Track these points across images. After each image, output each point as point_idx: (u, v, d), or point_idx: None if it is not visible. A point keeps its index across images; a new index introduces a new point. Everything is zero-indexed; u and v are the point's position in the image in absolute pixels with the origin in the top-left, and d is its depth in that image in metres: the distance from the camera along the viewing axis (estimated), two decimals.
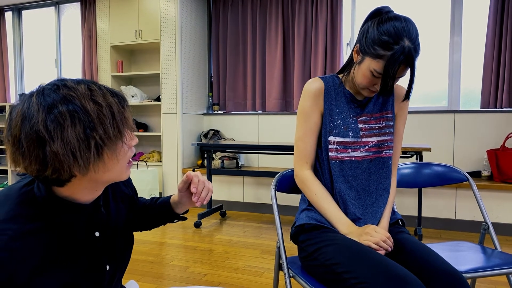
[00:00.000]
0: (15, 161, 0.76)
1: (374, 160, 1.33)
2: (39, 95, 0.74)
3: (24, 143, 0.72)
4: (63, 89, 0.74)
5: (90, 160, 0.74)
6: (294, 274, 1.33)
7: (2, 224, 0.74)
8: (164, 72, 4.38)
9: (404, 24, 1.15)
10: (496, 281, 2.37)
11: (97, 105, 0.75)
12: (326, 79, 1.37)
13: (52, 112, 0.72)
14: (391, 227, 1.36)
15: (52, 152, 0.72)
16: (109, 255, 0.93)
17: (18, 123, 0.73)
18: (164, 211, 1.08)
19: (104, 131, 0.75)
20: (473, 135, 3.62)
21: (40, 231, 0.78)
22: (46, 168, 0.73)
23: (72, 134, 0.72)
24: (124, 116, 0.79)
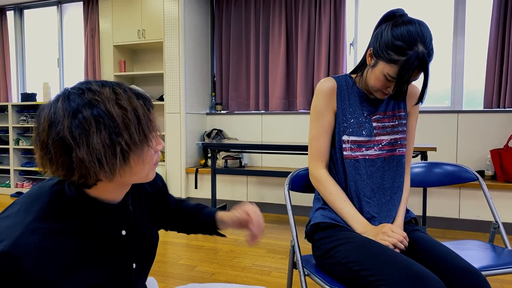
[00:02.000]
0: (43, 165, 0.76)
1: (388, 158, 1.34)
2: (64, 100, 0.73)
3: (51, 149, 0.72)
4: (88, 93, 0.73)
5: (116, 166, 0.74)
6: (309, 272, 1.34)
7: (34, 223, 0.75)
8: (168, 72, 4.38)
9: (418, 29, 1.15)
10: (503, 279, 2.39)
11: (122, 109, 0.74)
12: (339, 78, 1.38)
13: (77, 118, 0.71)
14: (406, 225, 1.38)
15: (78, 158, 0.71)
16: (135, 253, 0.94)
17: (46, 129, 0.73)
18: (207, 223, 1.09)
19: (130, 136, 0.74)
20: (476, 135, 3.63)
21: (70, 229, 0.78)
22: (73, 174, 0.74)
23: (97, 140, 0.71)
24: (149, 120, 0.78)
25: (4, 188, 5.30)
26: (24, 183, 5.22)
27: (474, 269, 1.09)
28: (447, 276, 1.09)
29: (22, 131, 5.30)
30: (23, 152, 5.30)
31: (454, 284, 1.07)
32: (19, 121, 5.15)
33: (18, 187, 5.20)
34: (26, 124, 5.10)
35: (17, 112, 5.23)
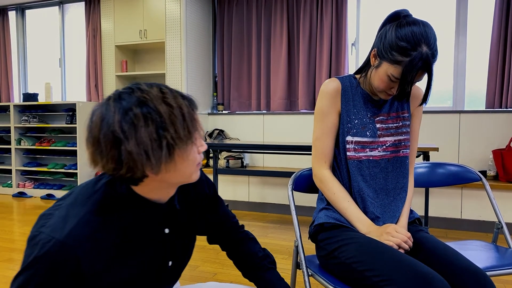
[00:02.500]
0: (94, 161, 0.80)
1: (391, 159, 1.34)
2: (115, 99, 0.79)
3: (102, 143, 0.77)
4: (137, 92, 0.79)
5: (161, 159, 0.78)
6: (313, 272, 1.34)
7: (88, 216, 0.81)
8: (169, 72, 4.39)
9: (422, 29, 1.15)
10: (506, 280, 2.38)
11: (168, 106, 0.78)
12: (343, 79, 1.38)
13: (127, 114, 0.76)
14: (410, 225, 1.38)
15: (127, 151, 0.76)
16: (173, 251, 0.98)
17: (98, 124, 0.78)
18: (258, 279, 1.12)
19: (175, 131, 0.78)
20: (478, 135, 3.63)
21: (119, 224, 0.84)
22: (121, 167, 0.78)
23: (145, 134, 0.76)
24: (193, 118, 0.82)
25: (6, 188, 5.30)
26: (26, 183, 5.23)
27: (479, 269, 1.09)
28: (452, 277, 1.09)
29: (24, 131, 5.31)
30: (25, 152, 5.31)
31: (459, 284, 1.07)
32: (21, 121, 5.16)
33: (19, 187, 5.21)
34: (28, 124, 5.10)
35: (19, 112, 5.24)
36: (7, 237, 3.28)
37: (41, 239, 0.78)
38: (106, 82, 4.87)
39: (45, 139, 5.16)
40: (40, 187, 5.15)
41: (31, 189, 5.16)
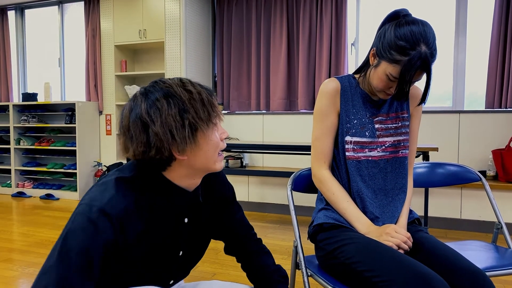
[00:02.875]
0: (126, 148, 0.90)
1: (390, 160, 1.34)
2: (142, 93, 0.90)
3: (132, 129, 0.87)
4: (160, 83, 0.90)
5: (186, 139, 0.86)
6: (312, 272, 1.34)
7: (125, 191, 0.90)
8: (169, 72, 4.38)
9: (421, 29, 1.15)
10: (505, 280, 2.38)
11: (188, 92, 0.88)
12: (342, 79, 1.38)
13: (151, 100, 0.87)
14: (409, 226, 1.37)
15: (154, 133, 0.85)
16: (186, 242, 1.03)
17: (127, 115, 0.89)
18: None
19: (195, 112, 0.87)
20: (478, 135, 3.63)
21: (148, 204, 0.92)
22: (150, 149, 0.86)
23: (168, 116, 0.85)
24: (212, 103, 0.91)
25: (5, 188, 5.30)
26: (25, 183, 5.22)
27: (478, 270, 1.09)
28: (451, 277, 1.08)
29: (23, 131, 5.30)
30: (24, 152, 5.30)
31: (459, 285, 1.06)
32: (20, 121, 5.15)
33: (19, 187, 5.20)
34: (27, 124, 5.10)
35: (18, 112, 5.23)
36: (6, 237, 3.28)
37: (81, 209, 0.86)
38: (106, 82, 4.86)
39: (44, 139, 5.16)
40: (39, 187, 5.15)
41: (30, 189, 5.15)
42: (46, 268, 0.82)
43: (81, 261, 0.82)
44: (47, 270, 0.82)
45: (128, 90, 4.78)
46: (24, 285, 2.31)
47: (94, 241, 0.83)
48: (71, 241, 0.83)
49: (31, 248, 2.99)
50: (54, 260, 0.82)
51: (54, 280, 0.80)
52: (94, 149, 4.99)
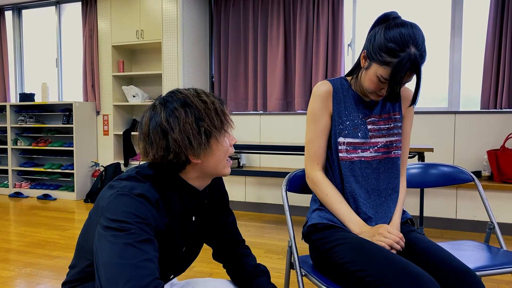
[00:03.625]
0: (146, 152, 0.98)
1: (383, 160, 1.36)
2: (161, 102, 0.97)
3: (152, 135, 0.95)
4: (177, 93, 0.98)
5: (201, 145, 0.95)
6: (306, 272, 1.35)
7: (155, 185, 0.98)
8: (166, 72, 4.39)
9: (410, 31, 1.17)
10: (499, 279, 2.40)
11: (203, 102, 0.97)
12: (334, 81, 1.39)
13: (171, 110, 0.94)
14: (402, 226, 1.39)
15: (173, 139, 0.93)
16: (190, 239, 1.10)
17: (147, 122, 0.97)
18: (249, 286, 1.17)
19: (210, 121, 0.96)
20: (474, 136, 3.65)
21: (167, 201, 1.00)
22: (169, 153, 0.95)
23: (186, 124, 0.94)
24: (224, 112, 1.00)
25: (2, 189, 5.29)
26: (23, 183, 5.22)
27: (468, 269, 1.10)
28: (442, 277, 1.10)
29: (20, 131, 5.30)
30: (21, 152, 5.30)
31: (449, 284, 1.08)
32: (17, 121, 5.16)
33: (16, 187, 5.20)
34: (24, 124, 5.10)
35: (15, 112, 5.23)
36: (3, 237, 3.28)
37: (121, 192, 0.92)
38: (103, 82, 4.87)
39: (41, 139, 5.16)
40: (36, 187, 5.15)
41: (27, 189, 5.15)
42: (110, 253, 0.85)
43: (140, 227, 0.88)
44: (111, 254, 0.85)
45: (125, 91, 4.79)
46: (21, 285, 2.32)
47: (146, 209, 0.91)
48: (123, 214, 0.88)
49: (28, 248, 3.00)
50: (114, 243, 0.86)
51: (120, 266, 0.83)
52: (92, 149, 5.00)
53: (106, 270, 0.83)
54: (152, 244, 0.89)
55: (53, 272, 2.52)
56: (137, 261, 0.83)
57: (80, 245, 1.03)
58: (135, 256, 0.84)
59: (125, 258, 0.83)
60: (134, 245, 0.85)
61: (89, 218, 1.01)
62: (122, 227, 0.86)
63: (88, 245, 0.99)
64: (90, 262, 0.99)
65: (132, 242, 0.85)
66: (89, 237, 0.98)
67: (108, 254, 0.84)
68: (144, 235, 0.87)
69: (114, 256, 0.83)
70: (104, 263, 0.84)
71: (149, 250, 0.87)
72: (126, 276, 0.81)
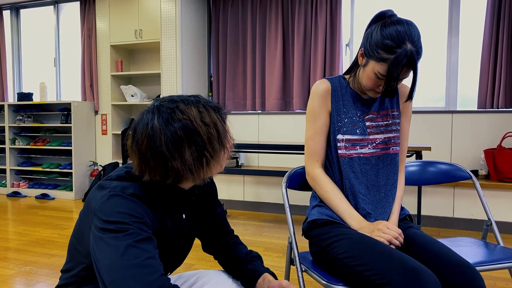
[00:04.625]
0: (142, 171, 0.94)
1: (382, 156, 1.38)
2: (159, 118, 0.91)
3: (151, 160, 0.91)
4: (178, 113, 0.91)
5: (202, 170, 0.94)
6: (306, 268, 1.37)
7: (140, 186, 0.96)
8: (165, 72, 4.40)
9: (406, 28, 1.19)
10: (496, 276, 2.42)
11: (206, 126, 0.92)
12: (333, 80, 1.41)
13: (172, 136, 0.89)
14: (400, 222, 1.41)
15: (173, 168, 0.91)
16: (183, 236, 1.10)
17: (144, 142, 0.91)
18: (247, 277, 1.14)
19: (212, 148, 0.93)
20: (470, 135, 3.68)
21: (157, 200, 0.98)
22: (167, 178, 0.94)
23: (188, 154, 0.90)
24: (225, 130, 0.97)
25: (1, 188, 5.29)
26: (21, 182, 5.21)
27: (468, 263, 1.12)
28: (441, 271, 1.12)
29: (18, 131, 5.30)
30: (19, 152, 5.30)
31: (449, 278, 1.10)
32: (16, 120, 5.15)
33: (14, 187, 5.19)
34: (23, 124, 5.09)
35: (14, 112, 5.22)
36: (2, 236, 3.28)
37: (113, 193, 0.91)
38: (101, 82, 4.87)
39: (39, 138, 5.16)
40: (34, 186, 5.14)
41: (25, 189, 5.14)
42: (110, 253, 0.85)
43: (137, 226, 0.88)
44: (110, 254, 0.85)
45: (124, 90, 4.79)
46: (21, 283, 2.33)
47: (141, 209, 0.91)
48: (118, 215, 0.88)
49: (27, 247, 3.00)
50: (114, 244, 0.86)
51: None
52: (90, 149, 5.00)
53: (109, 273, 0.83)
54: (151, 242, 0.89)
55: (52, 270, 2.53)
56: (140, 261, 0.83)
57: (74, 248, 1.00)
58: (137, 256, 0.84)
59: (127, 259, 0.83)
60: (134, 245, 0.85)
61: (80, 221, 0.99)
62: (120, 228, 0.86)
63: (83, 248, 0.97)
64: (85, 266, 0.97)
65: (132, 242, 0.85)
66: (83, 240, 0.96)
67: (109, 256, 0.84)
68: (143, 234, 0.88)
69: (115, 258, 0.83)
70: (106, 266, 0.84)
71: (149, 248, 0.87)
72: (132, 276, 0.81)
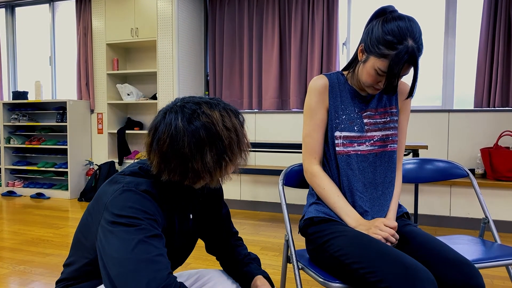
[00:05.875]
0: (161, 171, 0.94)
1: (379, 154, 1.36)
2: (184, 119, 0.92)
3: (171, 160, 0.91)
4: (202, 116, 0.92)
5: (220, 173, 0.96)
6: (303, 266, 1.35)
7: (153, 183, 0.97)
8: (161, 70, 4.38)
9: (408, 24, 1.18)
10: (493, 275, 2.42)
11: (228, 130, 0.94)
12: (331, 76, 1.40)
13: (195, 137, 0.90)
14: (398, 219, 1.40)
15: (193, 169, 0.92)
16: (188, 235, 1.10)
17: (167, 142, 0.91)
18: (243, 279, 1.16)
19: (232, 153, 0.95)
20: (467, 134, 3.68)
21: (167, 198, 0.99)
22: (185, 179, 0.94)
23: (209, 157, 0.92)
24: (244, 135, 0.99)
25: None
26: (16, 182, 5.18)
27: (466, 260, 1.11)
28: (440, 268, 1.11)
29: (13, 130, 5.26)
30: (14, 151, 5.26)
31: (448, 275, 1.09)
32: (11, 119, 5.11)
33: (9, 186, 5.16)
34: (18, 123, 5.06)
35: (9, 111, 5.19)
36: None
37: (126, 188, 0.92)
38: (97, 80, 4.84)
39: (35, 137, 5.12)
40: (29, 186, 5.11)
41: (20, 188, 5.11)
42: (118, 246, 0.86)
43: (149, 223, 0.89)
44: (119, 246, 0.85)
45: (120, 89, 4.77)
46: (15, 282, 2.30)
47: (153, 206, 0.92)
48: (129, 209, 0.88)
49: (22, 246, 2.98)
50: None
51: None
52: (86, 148, 4.97)
53: (117, 266, 0.82)
54: (162, 239, 0.89)
55: (46, 269, 2.51)
56: (150, 256, 0.83)
57: (79, 242, 1.00)
58: (148, 251, 0.84)
59: (138, 253, 0.83)
60: (145, 241, 0.85)
61: (88, 215, 0.99)
62: (132, 222, 0.87)
63: (88, 242, 0.97)
64: (89, 260, 0.97)
65: (143, 237, 0.85)
66: (89, 234, 0.96)
67: (118, 249, 0.84)
68: (154, 230, 0.88)
69: (125, 252, 0.83)
70: (114, 259, 0.83)
71: (159, 246, 0.87)
72: (140, 271, 0.81)
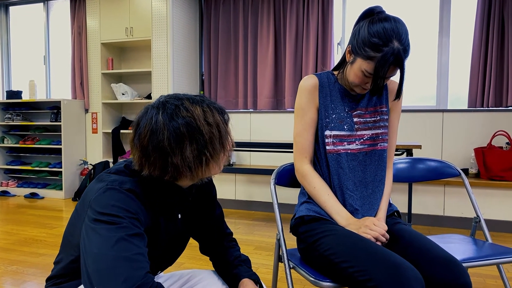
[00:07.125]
0: (142, 165, 0.94)
1: (369, 152, 1.37)
2: (164, 114, 0.91)
3: (151, 154, 0.91)
4: (183, 111, 0.92)
5: (200, 169, 0.94)
6: (294, 265, 1.35)
7: (137, 182, 0.97)
8: (156, 70, 4.37)
9: (393, 25, 1.18)
10: (486, 274, 2.43)
11: (209, 126, 0.92)
12: (321, 75, 1.40)
13: (175, 132, 0.89)
14: (388, 218, 1.40)
15: (173, 163, 0.91)
16: (177, 236, 1.09)
17: (147, 136, 0.91)
18: (232, 281, 1.15)
19: (213, 148, 0.93)
20: (461, 134, 3.70)
21: (153, 197, 0.98)
22: (166, 174, 0.93)
23: (189, 151, 0.90)
24: (227, 132, 0.98)
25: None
26: (9, 181, 5.15)
27: (454, 259, 1.12)
28: (428, 266, 1.11)
29: (7, 129, 5.23)
30: (8, 151, 5.23)
31: (436, 274, 1.09)
32: (4, 119, 5.08)
33: (3, 186, 5.13)
34: (11, 122, 5.03)
35: (2, 110, 5.16)
36: None
37: (110, 186, 0.92)
38: (92, 80, 4.83)
39: (29, 137, 5.10)
40: (23, 185, 5.08)
41: (14, 188, 5.08)
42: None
43: (130, 221, 0.88)
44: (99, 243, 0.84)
45: (114, 88, 4.75)
46: (7, 282, 2.29)
47: (136, 205, 0.91)
48: (112, 208, 0.88)
49: (15, 246, 2.96)
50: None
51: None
52: (80, 147, 4.95)
53: (96, 262, 0.82)
54: (143, 239, 0.88)
55: (39, 269, 2.49)
56: (130, 254, 0.83)
57: (67, 239, 1.01)
58: (128, 249, 0.83)
59: (117, 251, 0.82)
60: (125, 239, 0.84)
61: (75, 212, 0.99)
62: (113, 220, 0.86)
63: (74, 240, 0.97)
64: (74, 258, 0.98)
65: (124, 235, 0.85)
66: (75, 232, 0.97)
67: (98, 246, 0.83)
68: (135, 229, 0.88)
69: (105, 248, 0.83)
70: (93, 255, 0.83)
71: (140, 245, 0.86)
72: (119, 268, 0.81)
